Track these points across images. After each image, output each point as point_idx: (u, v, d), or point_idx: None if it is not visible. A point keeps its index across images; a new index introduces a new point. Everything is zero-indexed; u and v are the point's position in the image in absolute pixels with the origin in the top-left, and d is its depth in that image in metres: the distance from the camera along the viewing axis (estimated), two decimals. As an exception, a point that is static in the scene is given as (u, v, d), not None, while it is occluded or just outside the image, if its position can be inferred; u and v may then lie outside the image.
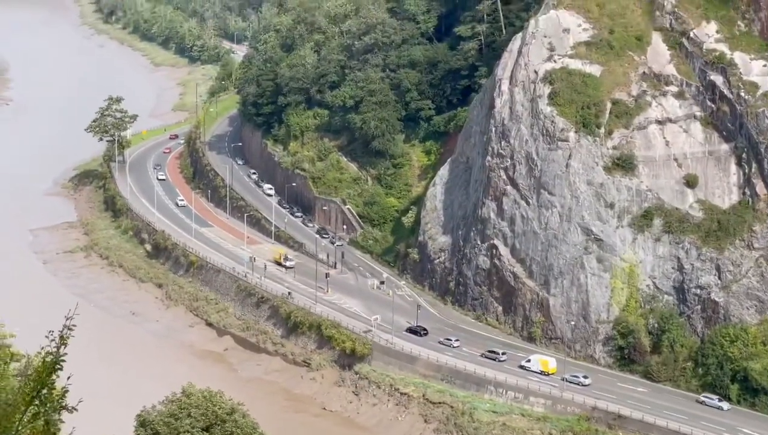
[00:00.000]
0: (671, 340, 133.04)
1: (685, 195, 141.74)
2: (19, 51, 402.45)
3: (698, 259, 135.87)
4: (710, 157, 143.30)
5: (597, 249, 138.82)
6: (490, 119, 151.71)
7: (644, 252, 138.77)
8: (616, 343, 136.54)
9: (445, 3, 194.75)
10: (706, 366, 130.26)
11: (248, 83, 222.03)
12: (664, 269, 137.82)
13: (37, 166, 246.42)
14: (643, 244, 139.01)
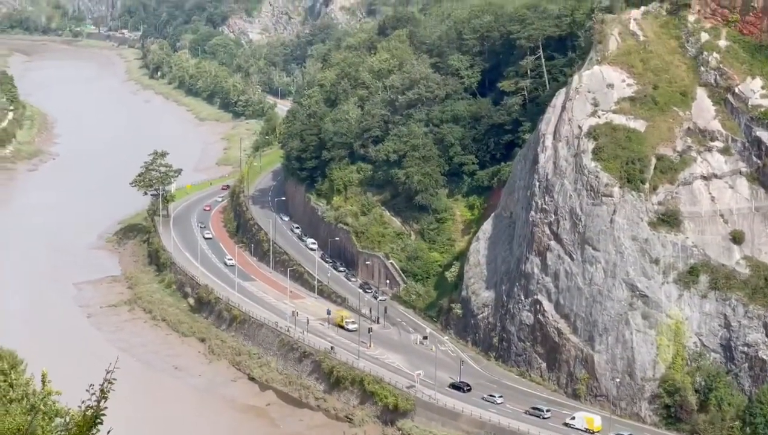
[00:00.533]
0: (718, 398, 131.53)
1: (732, 251, 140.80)
2: (67, 106, 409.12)
3: (745, 316, 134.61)
4: (756, 214, 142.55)
5: (642, 305, 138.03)
6: (533, 174, 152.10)
7: (690, 309, 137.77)
8: (662, 401, 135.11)
9: (489, 58, 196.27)
10: (754, 425, 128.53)
11: (292, 138, 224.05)
12: (710, 326, 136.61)
13: (82, 220, 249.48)
14: (689, 301, 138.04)
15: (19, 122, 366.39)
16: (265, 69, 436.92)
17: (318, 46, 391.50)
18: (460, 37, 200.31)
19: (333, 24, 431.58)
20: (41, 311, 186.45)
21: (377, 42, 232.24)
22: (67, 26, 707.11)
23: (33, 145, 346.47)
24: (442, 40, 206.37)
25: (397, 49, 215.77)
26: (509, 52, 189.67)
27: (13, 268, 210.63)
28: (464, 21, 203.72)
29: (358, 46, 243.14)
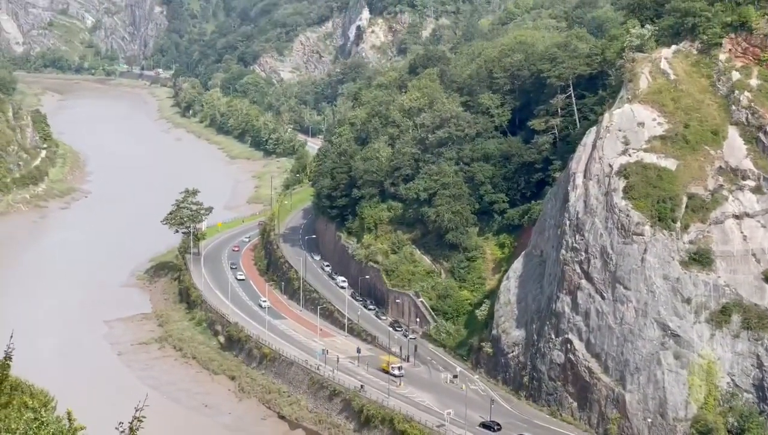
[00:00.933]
0: None
1: (764, 291, 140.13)
2: (99, 144, 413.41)
3: None
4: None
5: (674, 345, 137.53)
6: (564, 213, 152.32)
7: (723, 348, 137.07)
8: None
9: (519, 97, 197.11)
10: None
11: (322, 176, 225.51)
12: (743, 366, 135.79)
13: (114, 257, 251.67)
14: (722, 341, 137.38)
15: (51, 160, 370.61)
16: (296, 107, 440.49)
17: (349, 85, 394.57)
18: (491, 75, 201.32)
19: (364, 63, 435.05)
20: (72, 348, 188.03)
21: (408, 80, 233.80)
22: (100, 65, 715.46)
23: (65, 183, 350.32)
24: (473, 78, 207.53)
25: (427, 87, 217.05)
26: (540, 91, 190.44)
27: (46, 305, 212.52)
28: (495, 60, 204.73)
29: (388, 85, 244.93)
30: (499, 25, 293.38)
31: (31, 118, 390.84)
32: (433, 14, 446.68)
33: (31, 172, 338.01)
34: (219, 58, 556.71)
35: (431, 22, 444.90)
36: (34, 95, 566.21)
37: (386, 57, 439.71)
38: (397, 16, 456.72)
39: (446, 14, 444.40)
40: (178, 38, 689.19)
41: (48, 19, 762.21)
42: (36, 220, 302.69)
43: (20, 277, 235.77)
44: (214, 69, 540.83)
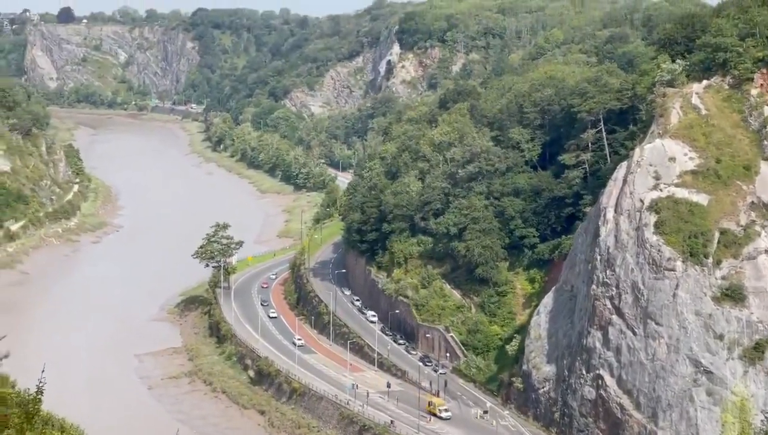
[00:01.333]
0: None
1: None
2: (130, 178, 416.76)
3: None
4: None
5: (706, 381, 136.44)
6: (595, 248, 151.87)
7: (756, 385, 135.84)
8: None
9: (550, 131, 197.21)
10: None
11: (353, 210, 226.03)
12: None
13: (144, 291, 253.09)
14: (755, 377, 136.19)
15: (83, 195, 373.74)
16: (326, 142, 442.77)
17: (379, 119, 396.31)
18: (521, 110, 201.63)
19: (394, 97, 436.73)
20: (103, 382, 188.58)
21: (438, 115, 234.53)
22: (133, 100, 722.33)
23: (97, 218, 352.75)
24: (503, 113, 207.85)
25: (457, 122, 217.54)
26: (570, 126, 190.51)
27: (77, 338, 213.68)
28: (525, 94, 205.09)
29: (419, 119, 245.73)
30: (530, 59, 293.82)
31: (64, 153, 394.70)
32: (464, 49, 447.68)
33: (64, 206, 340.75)
34: (250, 93, 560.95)
35: (461, 56, 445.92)
36: (67, 130, 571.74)
37: (416, 91, 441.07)
38: (428, 51, 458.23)
39: (476, 49, 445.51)
40: (209, 73, 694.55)
41: (82, 55, 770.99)
42: (68, 254, 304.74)
43: (52, 311, 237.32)
44: (245, 103, 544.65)
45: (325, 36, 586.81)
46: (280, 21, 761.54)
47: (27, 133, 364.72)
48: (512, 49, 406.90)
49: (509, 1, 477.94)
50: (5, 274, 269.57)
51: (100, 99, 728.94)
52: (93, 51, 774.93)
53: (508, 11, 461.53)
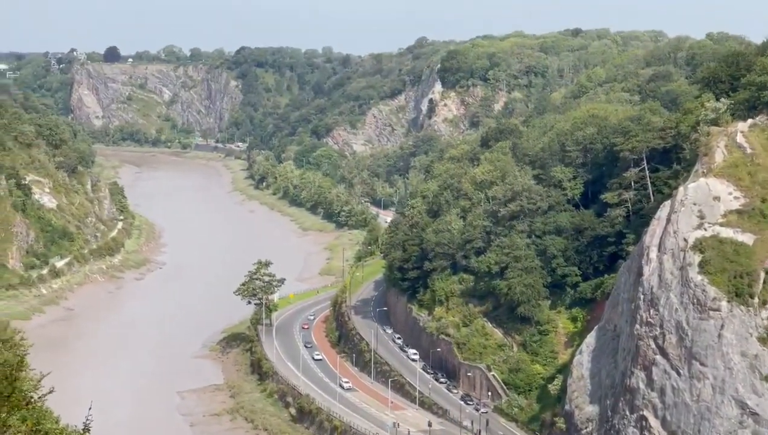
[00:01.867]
0: None
1: None
2: (174, 216, 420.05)
3: None
4: None
5: (753, 423, 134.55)
6: (638, 287, 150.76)
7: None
8: None
9: (592, 170, 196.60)
10: None
11: (394, 248, 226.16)
12: None
13: (187, 328, 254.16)
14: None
15: (127, 232, 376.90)
16: (368, 180, 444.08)
17: (421, 158, 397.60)
18: (563, 148, 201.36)
19: (436, 135, 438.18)
20: (146, 419, 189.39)
21: (480, 153, 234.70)
22: (176, 138, 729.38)
23: (141, 254, 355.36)
24: (545, 151, 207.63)
25: (499, 160, 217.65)
26: (612, 164, 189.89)
27: (120, 375, 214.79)
28: (567, 133, 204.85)
29: (460, 158, 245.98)
30: (572, 98, 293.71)
31: (109, 190, 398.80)
32: (506, 88, 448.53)
33: (108, 243, 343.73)
34: (292, 131, 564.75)
35: (503, 95, 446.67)
36: (112, 168, 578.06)
37: (458, 130, 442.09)
38: (470, 90, 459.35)
39: (518, 88, 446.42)
40: (252, 111, 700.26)
41: (127, 94, 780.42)
42: (112, 291, 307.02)
43: (96, 347, 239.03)
44: (287, 141, 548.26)
45: (368, 74, 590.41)
46: (322, 59, 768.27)
47: (73, 171, 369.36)
48: (554, 88, 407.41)
49: (551, 40, 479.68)
50: (50, 311, 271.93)
51: (144, 137, 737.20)
52: (138, 90, 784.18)
53: (549, 50, 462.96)
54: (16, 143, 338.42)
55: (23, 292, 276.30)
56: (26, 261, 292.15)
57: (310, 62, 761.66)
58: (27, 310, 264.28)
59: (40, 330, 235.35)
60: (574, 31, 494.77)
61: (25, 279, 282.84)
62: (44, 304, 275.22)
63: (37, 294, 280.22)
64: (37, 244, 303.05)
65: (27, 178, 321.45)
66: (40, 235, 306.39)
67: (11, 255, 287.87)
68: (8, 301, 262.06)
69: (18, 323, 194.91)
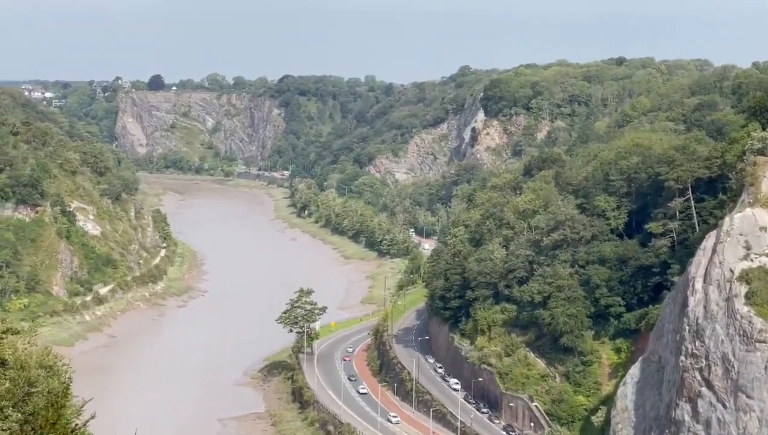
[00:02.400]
0: None
1: None
2: (216, 243, 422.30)
3: None
4: None
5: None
6: (683, 318, 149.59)
7: None
8: None
9: (636, 199, 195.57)
10: None
11: (436, 277, 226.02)
12: None
13: (229, 356, 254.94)
14: None
15: (170, 259, 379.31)
16: (410, 208, 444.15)
17: (463, 186, 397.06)
18: (607, 178, 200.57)
19: (478, 164, 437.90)
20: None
21: (523, 182, 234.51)
22: (219, 166, 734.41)
23: (183, 282, 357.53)
24: (588, 181, 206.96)
25: (542, 189, 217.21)
26: (657, 194, 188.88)
27: (161, 402, 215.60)
28: (611, 162, 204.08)
29: (503, 187, 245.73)
30: (616, 127, 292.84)
31: (152, 218, 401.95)
32: (549, 116, 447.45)
33: (151, 270, 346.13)
34: (335, 159, 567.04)
35: (546, 124, 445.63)
36: (155, 195, 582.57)
37: (501, 158, 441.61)
38: (512, 118, 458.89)
39: (562, 116, 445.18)
40: (295, 139, 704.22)
41: (170, 122, 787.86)
42: (154, 318, 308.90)
43: (138, 374, 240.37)
44: (329, 170, 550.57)
45: (410, 103, 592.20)
46: (365, 88, 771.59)
47: (117, 198, 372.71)
48: (598, 117, 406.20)
49: (595, 69, 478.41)
50: (94, 338, 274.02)
51: (187, 165, 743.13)
52: (181, 117, 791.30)
53: (593, 78, 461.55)
54: (61, 170, 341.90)
55: (67, 319, 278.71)
56: (70, 288, 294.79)
57: (353, 90, 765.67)
58: (71, 337, 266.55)
59: (83, 356, 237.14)
60: (618, 60, 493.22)
61: (69, 306, 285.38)
62: (87, 331, 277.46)
63: (81, 321, 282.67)
64: (81, 271, 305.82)
65: (72, 205, 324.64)
66: (84, 262, 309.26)
67: (55, 282, 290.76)
68: (52, 328, 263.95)
69: (61, 350, 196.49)
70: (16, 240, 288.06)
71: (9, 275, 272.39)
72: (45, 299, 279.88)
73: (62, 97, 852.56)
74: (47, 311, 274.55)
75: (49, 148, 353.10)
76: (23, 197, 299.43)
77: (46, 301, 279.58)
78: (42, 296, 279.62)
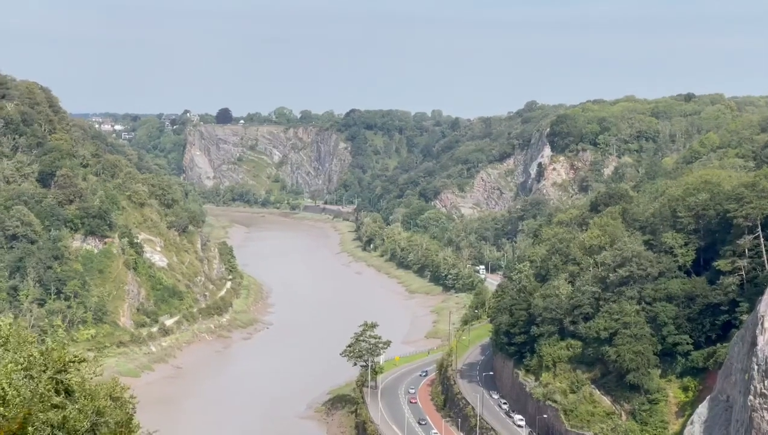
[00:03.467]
0: None
1: None
2: (281, 276, 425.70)
3: None
4: None
5: None
6: (752, 357, 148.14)
7: None
8: None
9: (704, 236, 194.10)
10: None
11: (501, 312, 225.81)
12: None
13: (292, 389, 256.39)
14: None
15: (236, 291, 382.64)
16: (475, 243, 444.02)
17: (529, 222, 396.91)
18: (675, 214, 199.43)
19: (544, 199, 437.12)
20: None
21: (589, 218, 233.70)
22: (285, 199, 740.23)
23: (248, 314, 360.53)
24: (656, 217, 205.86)
25: (609, 225, 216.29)
26: (726, 231, 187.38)
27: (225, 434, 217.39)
28: (679, 198, 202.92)
29: (569, 222, 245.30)
30: (684, 163, 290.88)
31: (218, 250, 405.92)
32: (616, 152, 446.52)
33: (216, 302, 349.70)
34: (400, 193, 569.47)
35: (613, 160, 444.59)
36: (221, 227, 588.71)
37: (567, 194, 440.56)
38: (579, 154, 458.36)
39: (629, 152, 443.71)
40: (361, 173, 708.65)
41: (237, 155, 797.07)
42: (219, 350, 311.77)
43: (203, 406, 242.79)
44: (395, 204, 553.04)
45: (477, 138, 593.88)
46: (431, 122, 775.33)
47: (184, 230, 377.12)
48: (666, 153, 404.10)
49: (663, 105, 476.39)
50: (159, 368, 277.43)
51: (254, 198, 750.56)
52: (248, 151, 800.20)
53: (661, 114, 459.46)
54: (129, 202, 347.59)
55: (133, 350, 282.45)
56: (137, 319, 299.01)
57: (419, 125, 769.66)
58: (137, 368, 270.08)
59: (149, 387, 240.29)
60: (687, 96, 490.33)
61: (136, 336, 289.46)
62: (153, 362, 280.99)
63: (147, 352, 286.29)
64: (148, 302, 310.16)
65: (139, 236, 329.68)
66: (150, 293, 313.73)
67: (122, 312, 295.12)
68: (119, 358, 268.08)
69: (128, 380, 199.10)
70: (85, 271, 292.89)
71: (77, 306, 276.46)
72: (112, 330, 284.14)
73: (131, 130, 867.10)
74: (114, 342, 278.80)
75: (118, 180, 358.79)
76: (92, 229, 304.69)
77: (113, 331, 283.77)
78: (109, 327, 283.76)
